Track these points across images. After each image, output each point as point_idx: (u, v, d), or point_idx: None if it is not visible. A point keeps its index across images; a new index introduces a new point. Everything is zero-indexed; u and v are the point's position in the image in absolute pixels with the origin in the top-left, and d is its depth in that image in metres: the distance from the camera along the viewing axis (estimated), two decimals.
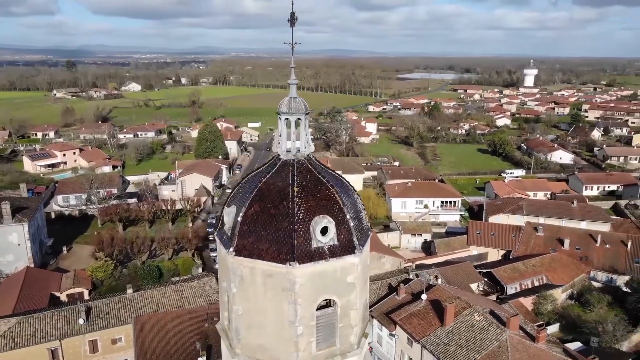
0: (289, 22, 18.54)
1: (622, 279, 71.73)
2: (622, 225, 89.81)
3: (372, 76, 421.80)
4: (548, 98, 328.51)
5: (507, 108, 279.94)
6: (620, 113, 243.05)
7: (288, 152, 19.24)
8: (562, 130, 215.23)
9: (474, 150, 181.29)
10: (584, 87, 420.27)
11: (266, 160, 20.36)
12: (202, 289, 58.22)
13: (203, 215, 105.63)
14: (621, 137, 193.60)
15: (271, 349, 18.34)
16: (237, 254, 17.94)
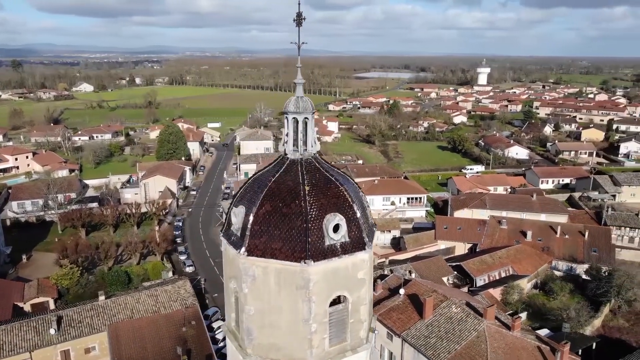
0: (294, 22, 18.59)
1: (581, 268, 75.46)
2: (578, 216, 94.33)
3: (331, 75, 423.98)
4: (501, 96, 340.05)
5: (463, 106, 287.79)
6: (569, 110, 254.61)
7: (295, 151, 19.28)
8: (516, 126, 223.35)
9: (434, 148, 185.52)
10: (534, 85, 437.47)
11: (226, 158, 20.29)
12: (177, 293, 57.20)
13: (169, 218, 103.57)
14: (571, 133, 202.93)
15: (284, 347, 18.39)
16: (250, 254, 17.88)
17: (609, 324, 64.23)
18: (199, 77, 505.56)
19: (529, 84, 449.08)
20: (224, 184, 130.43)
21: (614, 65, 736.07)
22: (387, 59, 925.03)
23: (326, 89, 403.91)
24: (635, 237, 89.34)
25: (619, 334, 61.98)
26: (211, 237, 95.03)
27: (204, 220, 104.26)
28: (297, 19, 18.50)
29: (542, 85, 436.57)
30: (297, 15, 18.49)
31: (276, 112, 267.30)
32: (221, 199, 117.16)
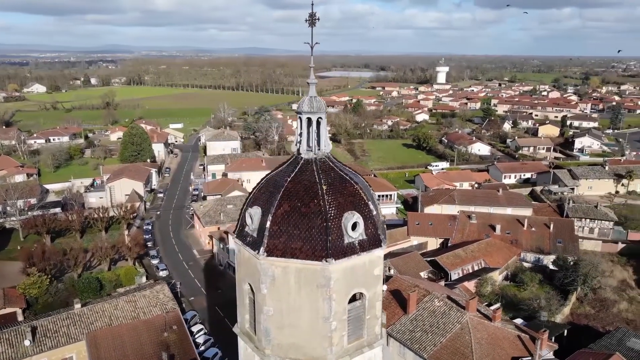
0: (307, 22, 18.68)
1: (548, 258, 78.53)
2: (542, 209, 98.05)
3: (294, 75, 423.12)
4: (460, 94, 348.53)
5: (424, 104, 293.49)
6: (525, 107, 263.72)
7: (309, 151, 19.37)
8: (476, 124, 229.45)
9: (399, 145, 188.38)
10: (490, 83, 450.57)
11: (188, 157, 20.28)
12: (156, 297, 56.02)
13: (137, 221, 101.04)
14: (528, 129, 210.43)
15: (304, 346, 18.49)
16: (269, 255, 17.89)
17: (577, 312, 67.21)
18: (157, 77, 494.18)
19: (485, 82, 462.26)
20: (192, 185, 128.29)
21: (563, 64, 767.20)
22: (347, 58, 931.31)
23: (289, 89, 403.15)
24: (594, 228, 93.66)
25: (587, 321, 64.92)
26: (182, 239, 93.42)
27: (174, 223, 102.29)
28: (310, 20, 18.58)
29: (499, 83, 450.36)
30: (309, 15, 18.58)
31: (239, 112, 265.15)
32: (190, 201, 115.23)
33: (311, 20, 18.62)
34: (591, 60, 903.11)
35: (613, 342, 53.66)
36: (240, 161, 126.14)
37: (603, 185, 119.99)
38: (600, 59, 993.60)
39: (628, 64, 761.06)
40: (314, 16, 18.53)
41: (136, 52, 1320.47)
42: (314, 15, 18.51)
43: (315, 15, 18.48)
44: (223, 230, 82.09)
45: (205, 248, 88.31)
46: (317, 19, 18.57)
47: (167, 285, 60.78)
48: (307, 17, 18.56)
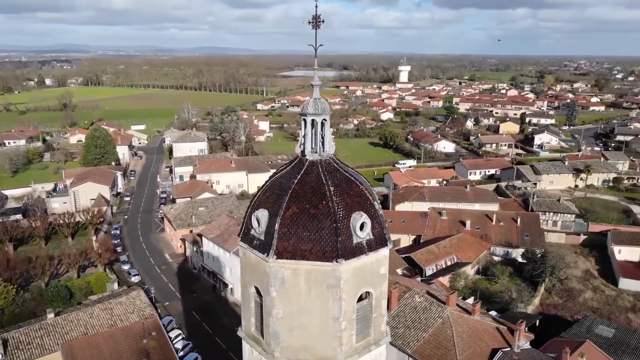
0: (310, 25, 18.72)
1: (516, 252, 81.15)
2: (508, 204, 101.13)
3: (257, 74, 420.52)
4: (422, 92, 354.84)
5: (388, 103, 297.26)
6: (486, 105, 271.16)
7: (314, 152, 19.45)
8: (440, 122, 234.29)
9: (366, 144, 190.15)
10: (451, 82, 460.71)
11: None
12: (132, 304, 54.72)
13: (104, 226, 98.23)
14: (490, 126, 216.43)
15: (314, 347, 18.56)
16: (279, 257, 17.86)
17: (546, 302, 69.72)
18: (116, 77, 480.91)
19: (446, 81, 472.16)
20: (159, 188, 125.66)
21: (519, 63, 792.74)
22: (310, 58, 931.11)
23: (253, 88, 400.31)
24: (558, 221, 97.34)
25: (555, 310, 67.48)
26: (153, 243, 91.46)
27: (143, 227, 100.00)
28: (314, 22, 18.63)
29: (459, 82, 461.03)
30: (313, 17, 18.63)
31: (203, 113, 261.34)
32: (159, 204, 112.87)
33: (315, 22, 18.67)
34: (545, 59, 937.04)
35: (582, 330, 56.11)
36: (209, 162, 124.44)
37: (563, 179, 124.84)
38: (553, 58, 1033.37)
39: (579, 63, 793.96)
40: (319, 18, 18.59)
41: (92, 51, 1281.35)
42: (319, 18, 18.57)
43: (319, 18, 18.55)
44: (196, 233, 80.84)
45: (178, 252, 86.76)
46: (321, 22, 18.64)
47: (142, 290, 59.40)
48: (311, 20, 18.59)
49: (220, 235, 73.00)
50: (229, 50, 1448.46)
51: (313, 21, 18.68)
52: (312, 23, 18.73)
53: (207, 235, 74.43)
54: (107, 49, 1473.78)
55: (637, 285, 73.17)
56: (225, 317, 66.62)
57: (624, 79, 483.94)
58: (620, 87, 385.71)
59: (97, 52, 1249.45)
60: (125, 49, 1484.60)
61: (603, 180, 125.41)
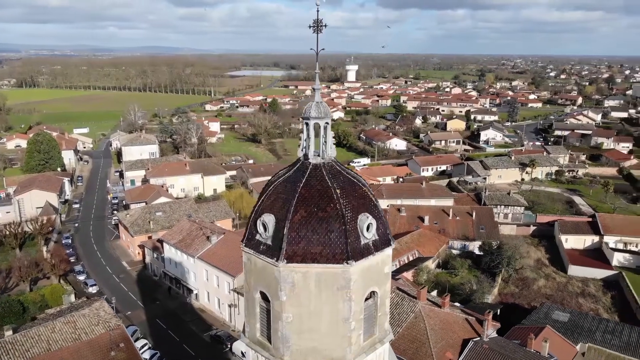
0: (312, 29, 18.82)
1: (473, 245, 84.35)
2: (462, 199, 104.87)
3: (204, 74, 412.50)
4: (371, 91, 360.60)
5: (338, 102, 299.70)
6: (432, 103, 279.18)
7: (317, 156, 19.57)
8: (389, 120, 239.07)
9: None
10: (397, 81, 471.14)
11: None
12: (97, 315, 52.44)
13: (54, 235, 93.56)
14: (438, 124, 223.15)
15: (324, 348, 18.71)
16: (289, 261, 17.87)
17: (504, 292, 72.99)
18: (53, 79, 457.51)
19: (393, 80, 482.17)
20: (110, 194, 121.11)
21: (460, 62, 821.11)
22: (256, 57, 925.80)
23: (200, 89, 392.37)
24: (508, 213, 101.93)
25: (513, 299, 70.77)
26: (109, 252, 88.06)
27: (96, 235, 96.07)
28: (316, 26, 18.74)
29: (405, 80, 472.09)
30: (314, 22, 18.73)
31: (150, 114, 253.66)
32: (111, 210, 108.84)
33: (317, 26, 18.76)
34: (484, 58, 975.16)
35: (541, 316, 59.23)
36: (163, 166, 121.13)
37: (510, 173, 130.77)
38: (491, 57, 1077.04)
39: (515, 62, 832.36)
40: (320, 22, 18.69)
41: (23, 51, 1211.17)
42: (321, 22, 18.67)
43: (321, 22, 18.65)
44: (156, 239, 78.60)
45: (136, 259, 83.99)
46: (323, 26, 18.74)
47: (106, 301, 57.14)
48: (312, 24, 18.68)
49: (182, 240, 71.39)
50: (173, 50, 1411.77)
51: (314, 25, 18.77)
52: (313, 27, 18.81)
53: (168, 241, 72.57)
54: (40, 49, 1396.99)
55: (584, 272, 77.94)
56: (192, 324, 65.33)
57: (557, 76, 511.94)
58: (555, 85, 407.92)
59: (29, 51, 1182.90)
60: (60, 49, 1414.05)
61: (546, 174, 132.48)
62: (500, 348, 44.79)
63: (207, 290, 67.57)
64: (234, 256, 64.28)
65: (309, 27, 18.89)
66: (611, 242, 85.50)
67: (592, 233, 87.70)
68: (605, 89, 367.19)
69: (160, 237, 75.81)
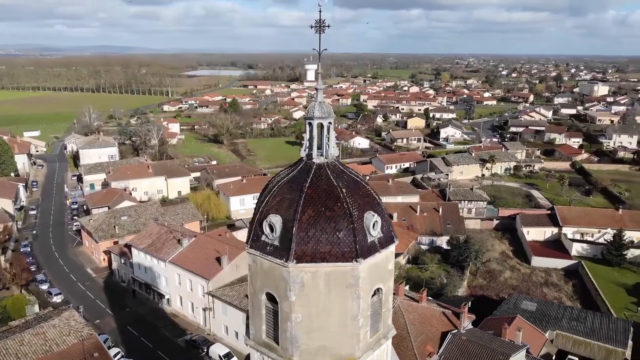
0: (313, 29, 18.86)
1: (441, 239, 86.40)
2: (427, 195, 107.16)
3: (161, 74, 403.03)
4: (330, 91, 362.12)
5: (299, 101, 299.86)
6: (392, 101, 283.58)
7: (321, 155, 19.65)
8: (351, 119, 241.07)
9: (282, 143, 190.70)
10: (356, 80, 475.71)
11: None
12: (67, 325, 50.54)
13: (11, 244, 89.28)
14: (398, 122, 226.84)
15: (333, 347, 18.82)
16: (299, 262, 17.87)
17: (472, 284, 75.21)
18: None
19: (352, 79, 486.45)
20: (69, 199, 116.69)
21: (416, 61, 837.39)
22: (212, 57, 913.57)
23: (157, 89, 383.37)
24: (472, 208, 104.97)
25: (482, 291, 73.06)
26: (71, 259, 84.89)
27: (57, 242, 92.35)
28: (318, 26, 18.79)
29: (363, 80, 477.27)
30: (316, 22, 18.79)
31: (105, 116, 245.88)
32: (71, 216, 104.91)
33: (319, 27, 18.81)
34: (438, 57, 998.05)
35: (510, 306, 61.42)
36: (124, 169, 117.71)
37: (471, 169, 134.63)
38: (445, 56, 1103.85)
39: (469, 61, 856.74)
40: (323, 23, 18.74)
41: None
42: (323, 22, 18.73)
43: (323, 22, 18.71)
44: (123, 244, 76.40)
45: (101, 265, 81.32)
46: (326, 26, 18.80)
47: (75, 310, 55.13)
48: (314, 24, 18.70)
49: (152, 244, 69.70)
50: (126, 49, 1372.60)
51: (316, 25, 18.81)
52: (315, 27, 18.86)
53: (137, 246, 70.67)
54: None
55: (546, 262, 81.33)
56: (165, 329, 63.95)
57: (508, 75, 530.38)
58: (507, 83, 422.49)
59: None
60: (3, 48, 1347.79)
61: (505, 169, 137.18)
62: (478, 339, 46.18)
63: (180, 295, 66.29)
64: (208, 259, 63.47)
65: (311, 27, 18.93)
66: (569, 233, 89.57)
67: (552, 225, 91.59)
68: (554, 86, 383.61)
69: (128, 242, 73.73)
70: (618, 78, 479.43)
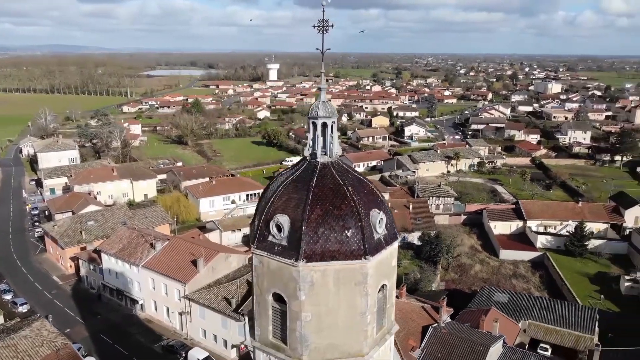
0: (316, 28, 18.93)
1: (412, 236, 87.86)
2: (396, 192, 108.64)
3: (119, 74, 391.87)
4: (294, 90, 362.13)
5: (262, 101, 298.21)
6: (355, 100, 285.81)
7: (325, 155, 19.75)
8: None
9: (248, 143, 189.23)
10: (318, 79, 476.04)
11: None
12: (39, 336, 48.65)
13: None
14: (363, 121, 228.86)
15: (342, 344, 19.00)
16: (309, 261, 17.94)
17: (445, 278, 76.89)
18: None
19: (314, 79, 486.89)
20: (28, 204, 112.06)
21: (376, 60, 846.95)
22: (171, 56, 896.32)
23: (115, 89, 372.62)
24: (440, 204, 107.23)
25: (454, 285, 74.80)
26: (35, 267, 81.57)
27: (18, 249, 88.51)
28: (321, 26, 18.86)
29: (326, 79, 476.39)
30: (319, 21, 18.86)
31: (62, 117, 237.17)
32: (32, 222, 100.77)
33: (322, 26, 18.87)
34: (398, 57, 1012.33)
35: (484, 299, 63.12)
36: (87, 172, 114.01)
37: (437, 166, 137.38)
38: (405, 55, 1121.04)
39: (427, 60, 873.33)
40: (326, 22, 18.82)
41: None
42: (326, 21, 18.80)
43: (327, 22, 18.78)
44: (92, 250, 74.06)
45: (68, 272, 78.56)
46: (330, 26, 18.87)
47: (47, 319, 53.10)
48: (317, 23, 18.76)
49: (123, 249, 67.92)
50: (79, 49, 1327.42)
51: (319, 25, 18.88)
52: (318, 27, 18.92)
53: (107, 251, 68.71)
54: None
55: (514, 255, 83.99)
56: (139, 335, 62.47)
57: (466, 74, 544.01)
58: (466, 82, 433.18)
59: None
60: None
61: (469, 165, 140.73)
62: (458, 332, 47.36)
63: (154, 300, 64.88)
64: (183, 262, 62.40)
65: (314, 27, 19.00)
66: (533, 226, 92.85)
67: (517, 219, 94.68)
68: (510, 85, 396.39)
69: (98, 247, 71.51)
70: (569, 76, 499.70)
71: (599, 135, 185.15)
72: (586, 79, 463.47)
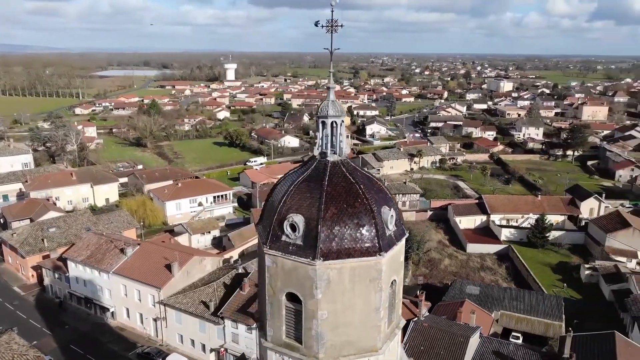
0: (324, 28, 19.05)
1: None
2: None
3: (69, 75, 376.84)
4: (253, 90, 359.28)
5: (221, 101, 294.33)
6: (315, 100, 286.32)
7: (334, 153, 19.92)
8: (276, 118, 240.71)
9: (210, 144, 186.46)
10: (277, 79, 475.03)
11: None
12: (9, 350, 46.47)
13: None
14: None
15: (357, 340, 19.21)
16: (325, 259, 18.06)
17: (416, 273, 78.51)
18: None
19: (272, 78, 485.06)
20: None
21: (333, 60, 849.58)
22: (123, 56, 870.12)
23: (65, 91, 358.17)
24: (406, 201, 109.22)
25: (425, 280, 76.52)
26: None
27: None
28: (330, 26, 18.99)
29: (284, 78, 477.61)
30: (328, 21, 18.99)
31: (9, 120, 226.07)
32: None
33: (331, 26, 18.99)
34: (354, 56, 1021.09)
35: (457, 292, 65.00)
36: (44, 177, 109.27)
37: (401, 164, 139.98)
38: (361, 55, 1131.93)
39: (383, 59, 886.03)
40: (335, 22, 18.94)
41: None
42: (336, 22, 18.92)
43: (336, 22, 18.91)
44: (56, 258, 71.15)
45: (30, 282, 75.17)
46: (339, 26, 19.00)
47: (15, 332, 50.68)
48: (326, 23, 18.86)
49: (91, 256, 65.65)
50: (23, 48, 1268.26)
51: (328, 25, 19.00)
52: (327, 27, 19.03)
53: (74, 258, 66.24)
54: None
55: (480, 248, 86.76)
56: (111, 344, 60.65)
57: (422, 73, 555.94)
58: (422, 81, 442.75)
59: None
60: None
61: (431, 162, 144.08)
62: (437, 324, 48.58)
63: (126, 307, 63.10)
64: (156, 267, 60.99)
65: (322, 27, 19.07)
66: (497, 220, 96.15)
67: (481, 213, 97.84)
68: (464, 83, 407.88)
69: (64, 255, 68.78)
70: (519, 75, 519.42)
71: (550, 131, 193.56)
72: (534, 77, 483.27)
